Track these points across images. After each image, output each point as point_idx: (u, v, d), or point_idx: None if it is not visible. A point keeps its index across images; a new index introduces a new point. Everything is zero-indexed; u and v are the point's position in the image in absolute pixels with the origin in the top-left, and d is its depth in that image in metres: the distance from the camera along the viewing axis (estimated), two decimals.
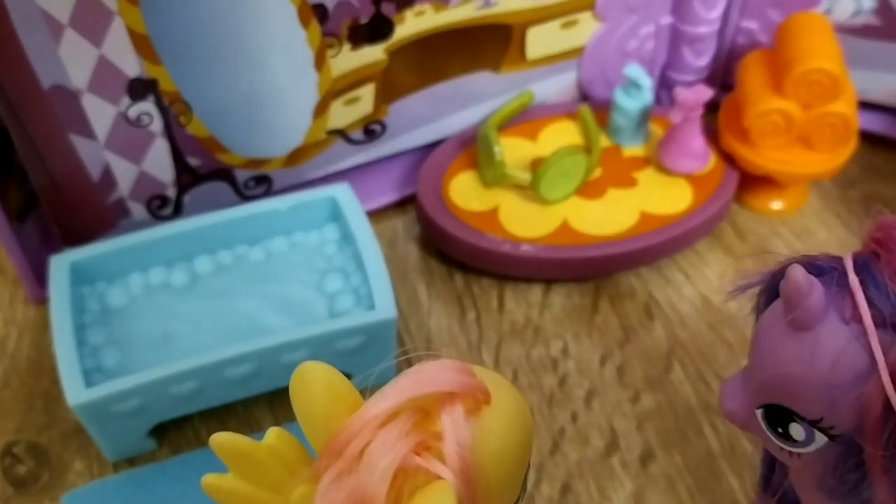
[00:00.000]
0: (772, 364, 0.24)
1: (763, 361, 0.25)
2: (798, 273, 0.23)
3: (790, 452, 0.25)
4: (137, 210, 0.45)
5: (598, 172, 0.48)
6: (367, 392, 0.22)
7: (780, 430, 0.25)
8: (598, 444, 0.39)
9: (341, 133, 0.48)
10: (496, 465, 0.22)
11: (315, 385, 0.22)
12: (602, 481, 0.38)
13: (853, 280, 0.23)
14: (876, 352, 0.22)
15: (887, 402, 0.22)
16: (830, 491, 0.25)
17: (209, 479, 0.25)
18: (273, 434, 0.24)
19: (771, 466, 0.29)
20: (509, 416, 0.23)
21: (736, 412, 0.26)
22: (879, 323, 0.23)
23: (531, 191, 0.46)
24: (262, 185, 0.47)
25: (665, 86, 0.53)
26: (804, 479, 0.26)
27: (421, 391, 0.22)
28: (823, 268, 0.24)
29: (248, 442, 0.24)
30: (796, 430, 0.24)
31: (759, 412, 0.25)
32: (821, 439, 0.24)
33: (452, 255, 0.46)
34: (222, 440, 0.24)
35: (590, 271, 0.45)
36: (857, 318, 0.23)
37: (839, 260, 0.24)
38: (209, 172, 0.45)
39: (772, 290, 0.26)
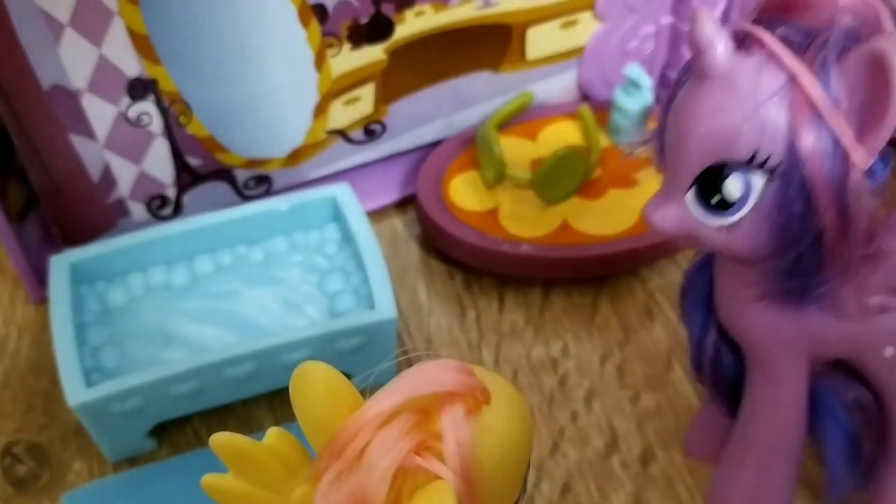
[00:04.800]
0: (699, 123, 0.25)
1: (689, 128, 0.25)
2: (703, 17, 0.24)
3: (727, 228, 0.25)
4: (137, 210, 0.45)
5: (598, 172, 0.48)
6: (367, 392, 0.22)
7: (714, 200, 0.25)
8: (598, 444, 0.39)
9: (341, 133, 0.48)
10: (496, 464, 0.22)
11: (315, 385, 0.22)
12: (602, 481, 0.38)
13: (752, 23, 0.25)
14: (788, 62, 0.23)
15: (813, 105, 0.23)
16: (781, 255, 0.25)
17: (209, 478, 0.25)
18: (273, 434, 0.24)
19: (699, 343, 0.30)
20: (509, 416, 0.23)
21: (665, 216, 0.26)
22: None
23: (531, 191, 0.46)
24: (262, 185, 0.47)
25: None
26: (741, 276, 0.26)
27: (421, 391, 0.22)
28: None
29: (248, 442, 0.24)
30: (733, 185, 0.25)
31: (690, 196, 0.26)
32: (757, 186, 0.25)
33: (452, 255, 0.46)
34: (222, 440, 0.24)
35: (590, 271, 0.45)
36: (760, 47, 0.24)
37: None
38: (209, 172, 0.45)
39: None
